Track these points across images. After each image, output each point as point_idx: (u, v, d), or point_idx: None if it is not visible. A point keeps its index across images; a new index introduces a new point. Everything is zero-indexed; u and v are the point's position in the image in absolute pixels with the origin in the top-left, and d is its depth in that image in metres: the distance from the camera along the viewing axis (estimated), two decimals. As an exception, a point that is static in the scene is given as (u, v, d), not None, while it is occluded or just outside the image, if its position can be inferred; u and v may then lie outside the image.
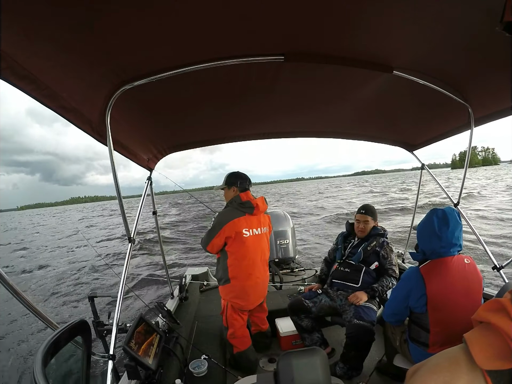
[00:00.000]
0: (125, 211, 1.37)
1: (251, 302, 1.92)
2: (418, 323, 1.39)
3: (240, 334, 1.92)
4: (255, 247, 1.84)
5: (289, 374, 0.83)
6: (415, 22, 0.92)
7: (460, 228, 1.36)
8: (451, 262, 1.32)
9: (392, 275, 1.96)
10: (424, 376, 0.48)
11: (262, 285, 1.96)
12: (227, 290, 1.87)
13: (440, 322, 1.30)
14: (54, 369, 0.79)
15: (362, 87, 1.44)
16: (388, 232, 2.10)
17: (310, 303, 2.01)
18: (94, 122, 1.18)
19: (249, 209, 1.83)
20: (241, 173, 1.97)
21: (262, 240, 1.91)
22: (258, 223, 1.88)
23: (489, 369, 0.43)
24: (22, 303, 0.98)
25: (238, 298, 1.85)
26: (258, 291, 1.93)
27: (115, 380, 1.21)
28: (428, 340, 1.35)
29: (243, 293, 1.85)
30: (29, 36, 0.76)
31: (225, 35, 0.95)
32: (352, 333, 1.75)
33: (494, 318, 0.44)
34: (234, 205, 1.85)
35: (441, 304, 1.29)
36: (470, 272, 1.33)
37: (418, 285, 1.33)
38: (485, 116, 1.59)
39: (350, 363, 1.79)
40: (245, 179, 1.94)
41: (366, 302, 1.87)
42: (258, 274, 1.87)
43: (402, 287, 1.44)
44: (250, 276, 1.83)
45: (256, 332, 2.15)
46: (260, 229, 1.88)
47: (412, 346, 1.47)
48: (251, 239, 1.82)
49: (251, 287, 1.85)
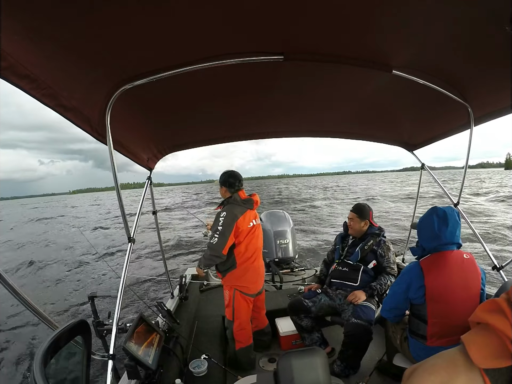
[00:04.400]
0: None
1: (257, 284, 2.03)
2: (417, 315, 1.43)
3: (246, 325, 1.99)
4: (257, 235, 2.05)
5: (289, 374, 0.83)
6: (414, 21, 0.92)
7: (459, 228, 1.40)
8: (450, 256, 1.37)
9: (390, 273, 1.98)
10: (421, 376, 0.47)
11: (262, 270, 2.12)
12: (235, 276, 1.95)
13: (438, 313, 1.34)
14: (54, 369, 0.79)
15: (362, 87, 1.44)
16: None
17: (310, 303, 2.02)
18: (94, 121, 1.18)
19: (251, 205, 2.00)
20: (234, 174, 2.03)
21: (259, 230, 2.11)
22: (255, 216, 2.07)
23: (487, 367, 0.43)
24: (22, 303, 0.97)
25: (246, 281, 1.96)
26: (261, 275, 2.09)
27: (115, 380, 1.21)
28: (426, 332, 1.38)
29: (250, 276, 1.97)
30: (29, 36, 0.76)
31: (225, 35, 0.95)
32: (350, 331, 1.76)
33: (491, 318, 0.45)
34: (237, 202, 1.97)
35: (439, 295, 1.33)
36: (468, 267, 1.37)
37: (417, 276, 1.38)
38: (484, 115, 1.59)
39: (347, 362, 1.81)
40: (235, 180, 2.02)
41: (365, 301, 1.88)
42: (260, 260, 2.07)
43: (402, 280, 1.48)
44: (257, 259, 2.01)
45: (255, 330, 2.17)
46: (256, 221, 2.08)
47: (412, 342, 1.49)
48: (254, 229, 2.00)
49: (255, 271, 2.00)
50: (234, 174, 2.04)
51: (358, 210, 2.10)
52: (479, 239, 1.84)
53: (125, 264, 1.40)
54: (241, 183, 2.05)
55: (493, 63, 1.13)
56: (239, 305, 1.95)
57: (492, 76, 1.23)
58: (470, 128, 1.63)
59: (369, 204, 2.18)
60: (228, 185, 2.02)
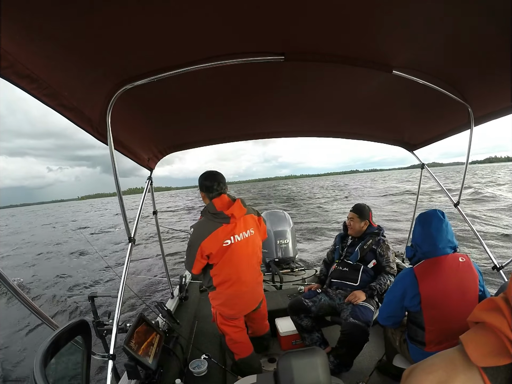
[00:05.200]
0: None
1: (239, 310, 1.76)
2: (415, 321, 1.42)
3: (239, 339, 1.80)
4: (239, 253, 1.63)
5: (289, 374, 0.83)
6: (414, 21, 0.92)
7: (447, 229, 1.39)
8: (445, 261, 1.35)
9: (389, 272, 1.98)
10: (420, 376, 0.47)
11: (253, 291, 1.77)
12: (213, 297, 1.75)
13: (435, 320, 1.32)
14: (54, 369, 0.79)
15: (362, 87, 1.44)
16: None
17: (310, 303, 2.02)
18: (94, 121, 1.18)
19: (225, 219, 1.59)
20: (211, 175, 1.68)
21: (248, 244, 1.68)
22: (240, 229, 1.64)
23: (485, 365, 0.43)
24: (22, 302, 0.98)
25: (225, 306, 1.72)
26: (247, 299, 1.76)
27: (115, 380, 1.21)
28: (424, 339, 1.37)
29: (229, 302, 1.71)
30: (30, 36, 0.76)
31: (225, 35, 0.95)
32: (347, 331, 1.77)
33: (489, 317, 0.45)
34: (208, 216, 1.61)
35: (435, 302, 1.31)
36: (464, 271, 1.35)
37: (411, 284, 1.36)
38: (485, 115, 1.59)
39: (340, 359, 1.82)
40: (212, 183, 1.64)
41: (364, 302, 1.88)
42: (245, 280, 1.68)
43: (396, 288, 1.47)
44: (235, 284, 1.65)
45: (251, 336, 2.03)
46: (243, 234, 1.65)
47: (411, 346, 1.49)
48: (234, 247, 1.61)
49: (237, 296, 1.69)
50: (211, 175, 1.67)
51: (358, 210, 2.12)
52: (479, 239, 1.84)
53: (125, 264, 1.40)
54: (220, 186, 1.66)
55: (493, 63, 1.13)
56: (222, 325, 1.78)
57: (492, 76, 1.23)
58: (470, 128, 1.63)
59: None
60: (205, 190, 1.66)
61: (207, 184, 1.65)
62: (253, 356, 1.85)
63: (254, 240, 1.73)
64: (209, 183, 1.65)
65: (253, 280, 1.76)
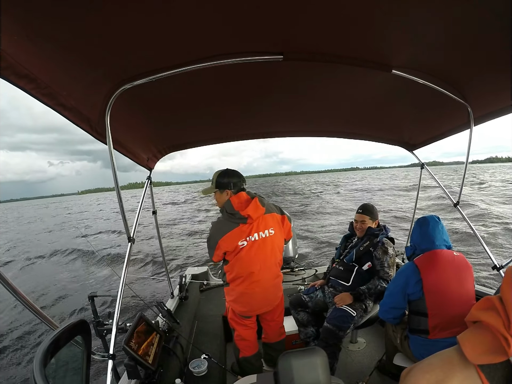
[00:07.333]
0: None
1: (250, 309, 1.73)
2: (417, 310, 1.48)
3: (246, 337, 1.79)
4: (256, 253, 1.61)
5: (289, 374, 0.83)
6: (414, 21, 0.92)
7: (443, 231, 1.54)
8: (441, 253, 1.47)
9: (382, 277, 1.92)
10: (418, 375, 0.48)
11: (266, 292, 1.71)
12: (227, 293, 1.77)
13: (437, 304, 1.40)
14: (54, 369, 0.79)
15: (362, 86, 1.44)
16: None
17: (307, 298, 2.10)
18: (93, 121, 1.18)
19: (241, 219, 1.58)
20: (234, 171, 1.68)
21: (266, 244, 1.64)
22: (258, 228, 1.62)
23: (481, 363, 0.43)
24: (22, 302, 0.98)
25: (237, 303, 1.72)
26: (259, 299, 1.71)
27: (115, 379, 1.21)
28: (427, 326, 1.42)
29: (240, 299, 1.70)
30: (29, 36, 0.76)
31: (224, 34, 0.95)
32: (323, 335, 1.81)
33: (485, 316, 0.46)
34: (225, 215, 1.61)
35: (436, 288, 1.41)
36: (460, 261, 1.47)
37: (414, 272, 1.46)
38: (484, 115, 1.59)
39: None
40: (239, 178, 1.66)
41: (348, 306, 1.86)
42: (258, 279, 1.64)
43: (398, 279, 1.55)
44: (245, 282, 1.64)
45: (263, 341, 1.98)
46: (260, 234, 1.62)
47: (412, 340, 1.51)
48: (249, 247, 1.60)
49: (248, 295, 1.67)
50: (228, 171, 1.67)
51: (369, 211, 2.06)
52: (479, 239, 1.84)
53: (125, 264, 1.40)
54: (240, 182, 1.66)
55: (493, 63, 1.13)
56: (232, 320, 1.80)
57: (492, 76, 1.23)
58: (470, 128, 1.63)
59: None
60: (223, 186, 1.65)
61: (225, 181, 1.64)
62: (256, 356, 1.85)
63: (273, 240, 1.68)
64: (226, 179, 1.64)
65: (269, 281, 1.70)
